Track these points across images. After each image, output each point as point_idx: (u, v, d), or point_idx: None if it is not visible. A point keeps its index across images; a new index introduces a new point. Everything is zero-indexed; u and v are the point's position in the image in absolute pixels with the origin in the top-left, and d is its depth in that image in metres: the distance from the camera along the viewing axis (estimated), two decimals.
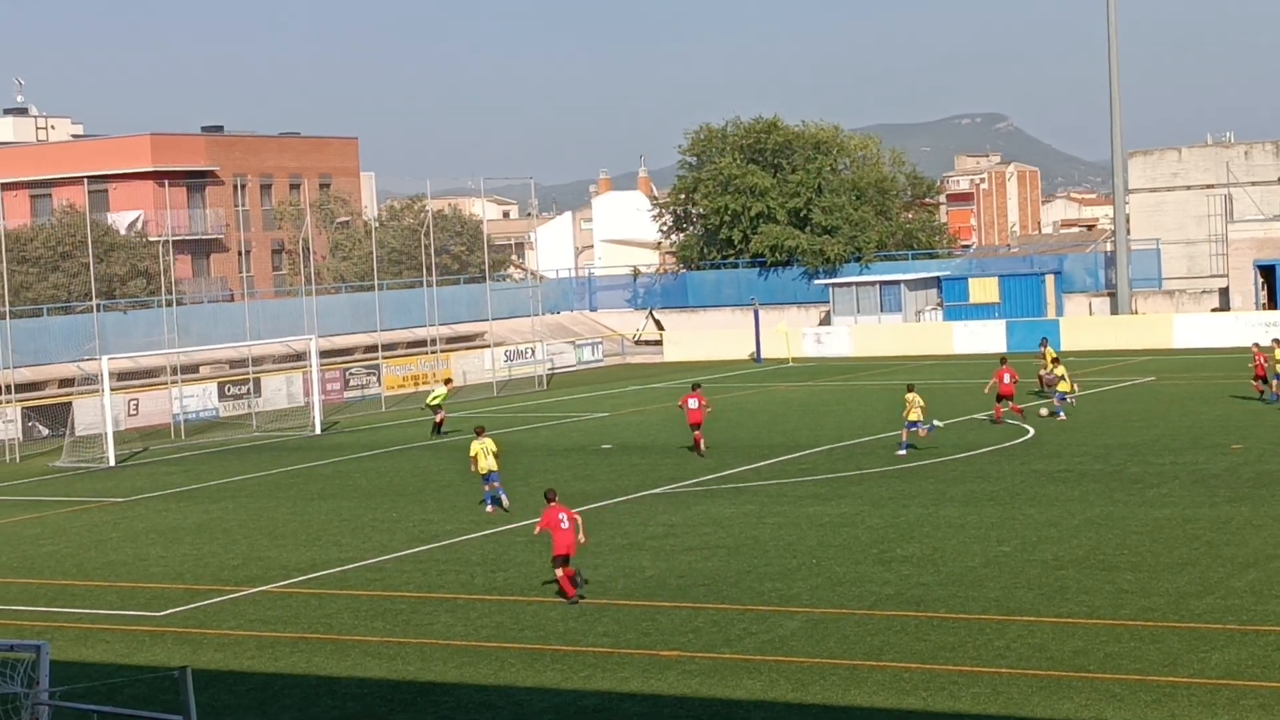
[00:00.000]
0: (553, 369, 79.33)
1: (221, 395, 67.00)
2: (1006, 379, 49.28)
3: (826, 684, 22.17)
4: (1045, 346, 58.29)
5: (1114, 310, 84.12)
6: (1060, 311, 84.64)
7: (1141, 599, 25.99)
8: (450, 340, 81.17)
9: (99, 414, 55.48)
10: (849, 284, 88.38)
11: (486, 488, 38.25)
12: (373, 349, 76.32)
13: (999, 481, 38.70)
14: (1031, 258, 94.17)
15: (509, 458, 48.04)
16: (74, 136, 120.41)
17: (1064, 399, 51.28)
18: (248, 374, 68.60)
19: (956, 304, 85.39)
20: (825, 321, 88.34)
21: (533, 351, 79.59)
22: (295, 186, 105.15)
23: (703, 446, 45.59)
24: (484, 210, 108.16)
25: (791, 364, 78.65)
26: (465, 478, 44.32)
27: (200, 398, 65.98)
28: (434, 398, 55.73)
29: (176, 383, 64.53)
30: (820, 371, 52.33)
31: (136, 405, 64.14)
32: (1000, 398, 49.20)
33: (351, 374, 72.87)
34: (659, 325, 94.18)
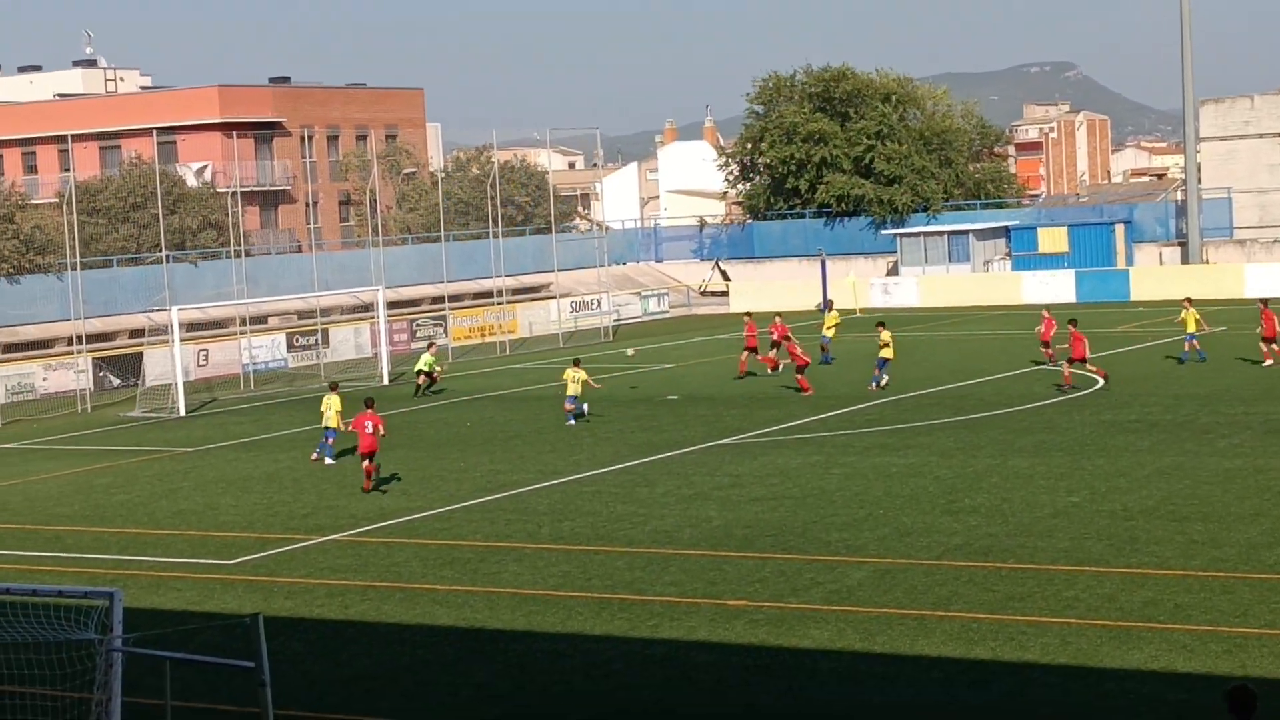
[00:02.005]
0: (618, 320, 79.31)
1: (290, 346, 67.36)
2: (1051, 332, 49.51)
3: (894, 634, 22.14)
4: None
5: (1184, 260, 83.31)
6: (1130, 261, 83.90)
7: (1212, 549, 25.82)
8: (516, 291, 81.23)
9: (169, 364, 55.86)
10: (917, 234, 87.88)
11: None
12: (439, 300, 76.46)
13: (1068, 432, 38.47)
14: (1101, 207, 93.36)
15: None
16: (142, 88, 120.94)
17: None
18: (316, 325, 68.89)
19: (1025, 254, 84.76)
20: (893, 272, 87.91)
21: (598, 303, 79.58)
22: (362, 138, 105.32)
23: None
24: (550, 161, 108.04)
25: (858, 315, 78.34)
26: (533, 428, 44.47)
27: (269, 348, 66.35)
28: (424, 364, 54.78)
29: (245, 333, 64.89)
30: (888, 322, 52.06)
31: (206, 356, 64.56)
32: (1074, 359, 48.81)
33: (418, 325, 73.08)
34: (725, 276, 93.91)
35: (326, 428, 40.52)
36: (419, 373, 54.55)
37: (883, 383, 47.67)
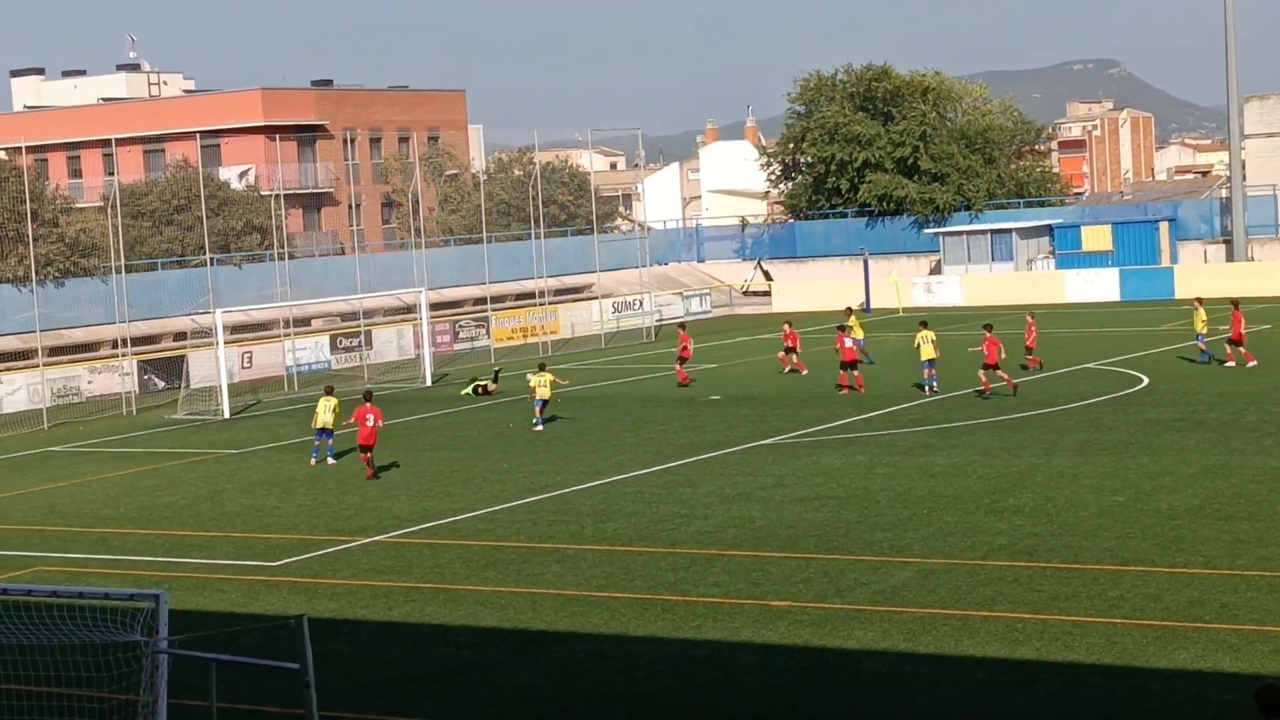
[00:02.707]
0: (660, 320, 79.30)
1: (333, 348, 67.59)
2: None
3: (939, 634, 22.08)
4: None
5: (1229, 257, 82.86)
6: (1175, 259, 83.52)
7: (1259, 548, 25.66)
8: (558, 292, 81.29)
9: (213, 367, 56.09)
10: (959, 233, 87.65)
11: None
12: (482, 301, 76.59)
13: (1112, 430, 38.30)
14: (1145, 205, 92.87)
15: (617, 408, 48.27)
16: (185, 92, 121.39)
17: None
18: (359, 326, 69.11)
19: (1069, 252, 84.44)
20: (936, 271, 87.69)
21: (640, 303, 79.61)
22: (404, 140, 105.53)
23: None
24: (591, 162, 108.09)
25: (902, 314, 78.18)
26: (575, 429, 44.51)
27: (312, 350, 66.60)
28: (476, 385, 55.30)
29: (289, 335, 65.12)
30: (931, 321, 51.89)
31: (250, 358, 64.83)
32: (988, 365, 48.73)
33: (461, 326, 73.24)
34: (767, 276, 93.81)
35: (322, 429, 40.78)
36: (478, 384, 54.81)
37: (934, 385, 46.99)
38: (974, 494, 31.57)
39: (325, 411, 40.84)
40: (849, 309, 59.47)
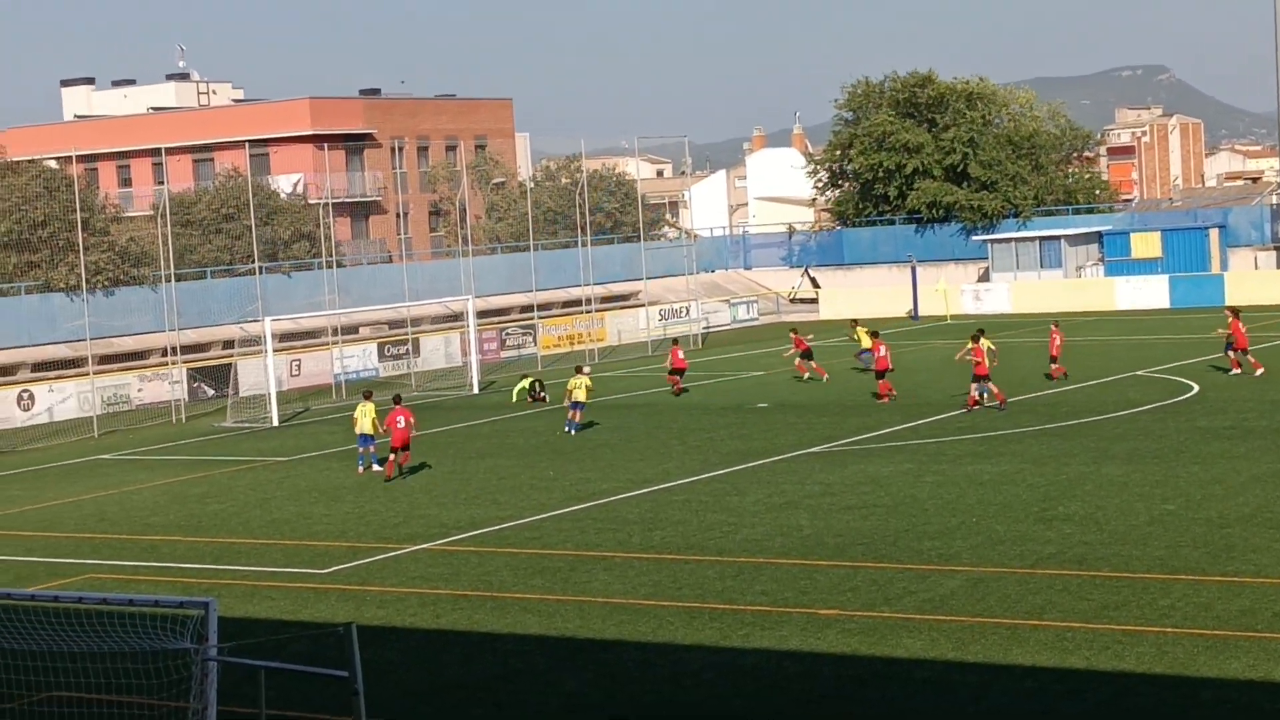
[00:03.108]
0: (708, 328, 79.25)
1: (381, 355, 67.79)
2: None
3: (988, 643, 21.99)
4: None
5: None
6: (1225, 266, 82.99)
7: None
8: (605, 300, 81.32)
9: (262, 374, 56.32)
10: (1008, 240, 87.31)
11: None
12: (528, 309, 76.67)
13: (1162, 439, 38.09)
14: (1195, 211, 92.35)
15: (664, 416, 48.26)
16: (234, 101, 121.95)
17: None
18: (406, 334, 69.28)
19: (1118, 259, 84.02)
20: (984, 278, 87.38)
21: (687, 310, 79.57)
22: (451, 148, 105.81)
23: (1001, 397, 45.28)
24: (638, 169, 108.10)
25: (950, 321, 77.94)
26: (621, 437, 44.51)
27: (360, 358, 66.82)
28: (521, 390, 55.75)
29: (337, 343, 65.34)
30: (972, 330, 51.73)
31: (298, 366, 65.06)
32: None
33: (508, 334, 73.35)
34: (815, 283, 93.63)
35: (363, 434, 40.97)
36: (524, 391, 55.17)
37: (984, 397, 45.99)
38: (1023, 502, 31.44)
39: (364, 417, 41.05)
40: (853, 321, 59.80)
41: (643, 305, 78.76)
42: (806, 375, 54.73)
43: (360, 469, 41.15)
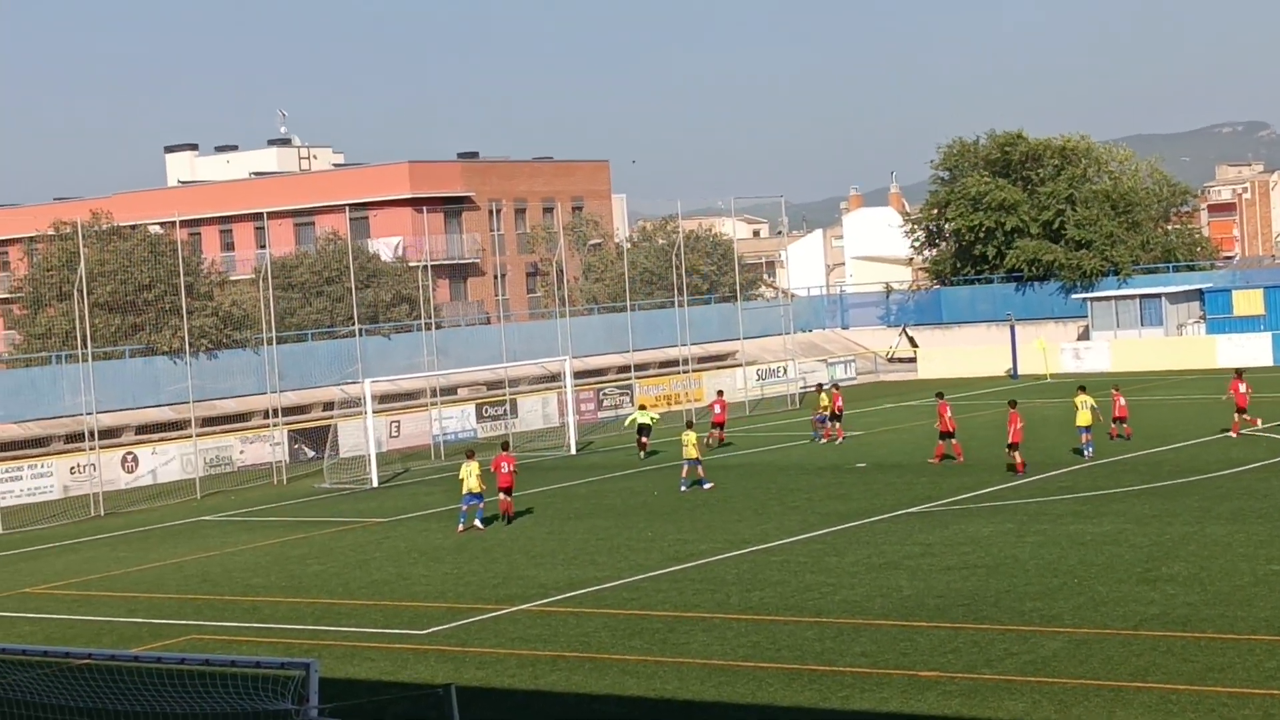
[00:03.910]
0: (805, 388, 79.07)
1: (479, 416, 68.10)
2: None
3: (1090, 705, 21.74)
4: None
5: None
6: None
7: None
8: (701, 360, 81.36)
9: (362, 436, 56.72)
10: (1108, 298, 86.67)
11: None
12: (625, 369, 76.84)
13: (1267, 498, 37.59)
14: None
15: (762, 476, 48.15)
16: (334, 165, 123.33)
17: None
18: (504, 395, 69.60)
19: (1220, 316, 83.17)
20: (1084, 336, 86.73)
21: (784, 370, 79.45)
22: (548, 210, 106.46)
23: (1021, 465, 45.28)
24: (734, 229, 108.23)
25: (1049, 380, 77.37)
26: (719, 496, 44.43)
27: (459, 419, 67.15)
28: (634, 420, 56.88)
29: (436, 404, 65.72)
30: (1070, 389, 51.40)
31: (398, 427, 65.48)
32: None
33: (605, 394, 73.50)
34: (913, 342, 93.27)
35: (469, 493, 41.35)
36: (640, 425, 56.71)
37: (1089, 451, 46.91)
38: (1126, 562, 31.11)
39: (470, 476, 41.33)
40: (818, 386, 61.30)
41: (740, 365, 78.71)
42: (840, 439, 55.36)
43: (460, 527, 41.35)
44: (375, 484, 53.59)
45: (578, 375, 68.70)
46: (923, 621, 27.29)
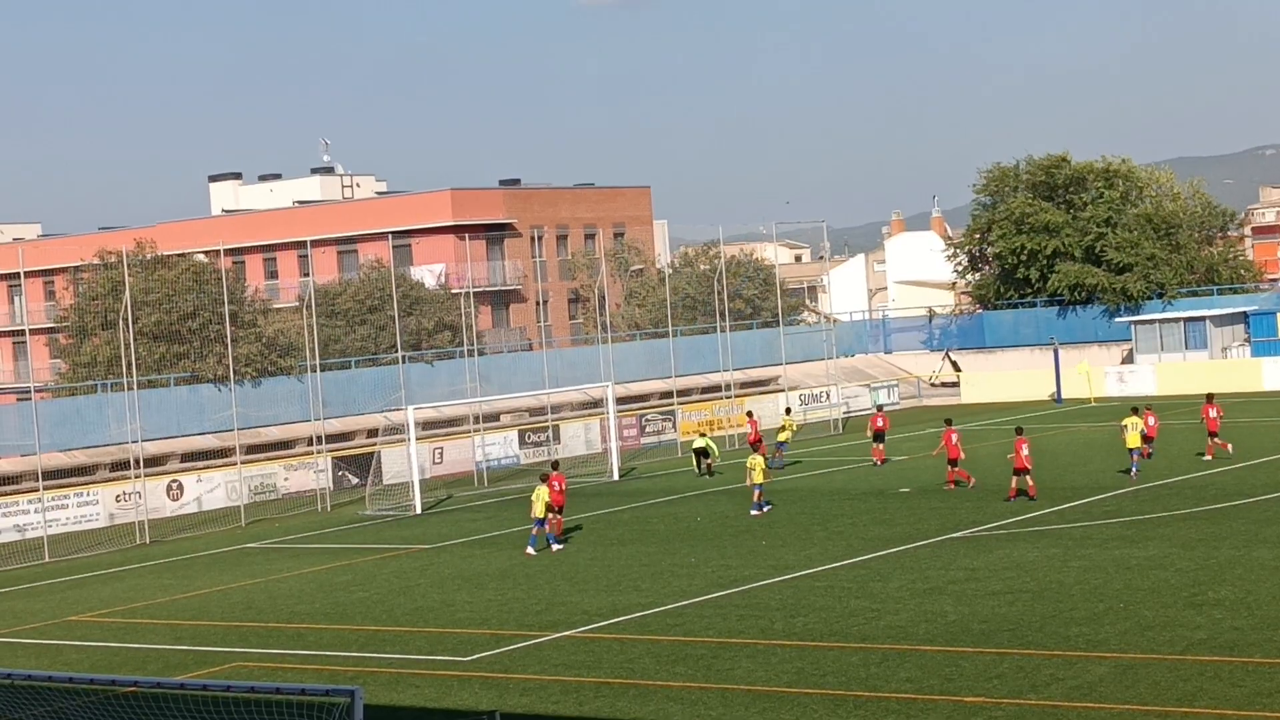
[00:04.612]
0: (848, 412, 78.94)
1: (522, 443, 68.19)
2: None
3: None
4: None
5: None
6: None
7: None
8: (744, 385, 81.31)
9: (405, 463, 56.84)
10: (1152, 321, 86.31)
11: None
12: (668, 395, 76.84)
13: None
14: None
15: (805, 502, 48.07)
16: (377, 194, 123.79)
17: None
18: (547, 421, 69.66)
19: (1265, 339, 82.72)
20: (1128, 360, 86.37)
21: (827, 395, 79.33)
22: (590, 236, 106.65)
23: (1033, 490, 45.31)
24: (776, 254, 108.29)
25: (1094, 404, 77.04)
26: (763, 522, 44.38)
27: (502, 445, 67.25)
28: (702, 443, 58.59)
29: (479, 431, 65.84)
30: (1124, 411, 51.16)
31: (441, 453, 65.60)
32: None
33: (647, 420, 73.50)
34: (956, 366, 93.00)
35: (538, 518, 41.76)
36: (697, 449, 58.14)
37: (1135, 472, 47.26)
38: (1172, 587, 30.94)
39: (539, 500, 41.80)
40: (788, 409, 62.24)
41: (782, 390, 78.62)
42: (881, 462, 56.20)
43: (531, 550, 41.68)
44: (419, 510, 53.69)
45: (620, 401, 68.71)
46: (968, 647, 27.19)
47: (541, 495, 41.88)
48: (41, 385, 77.50)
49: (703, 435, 59.93)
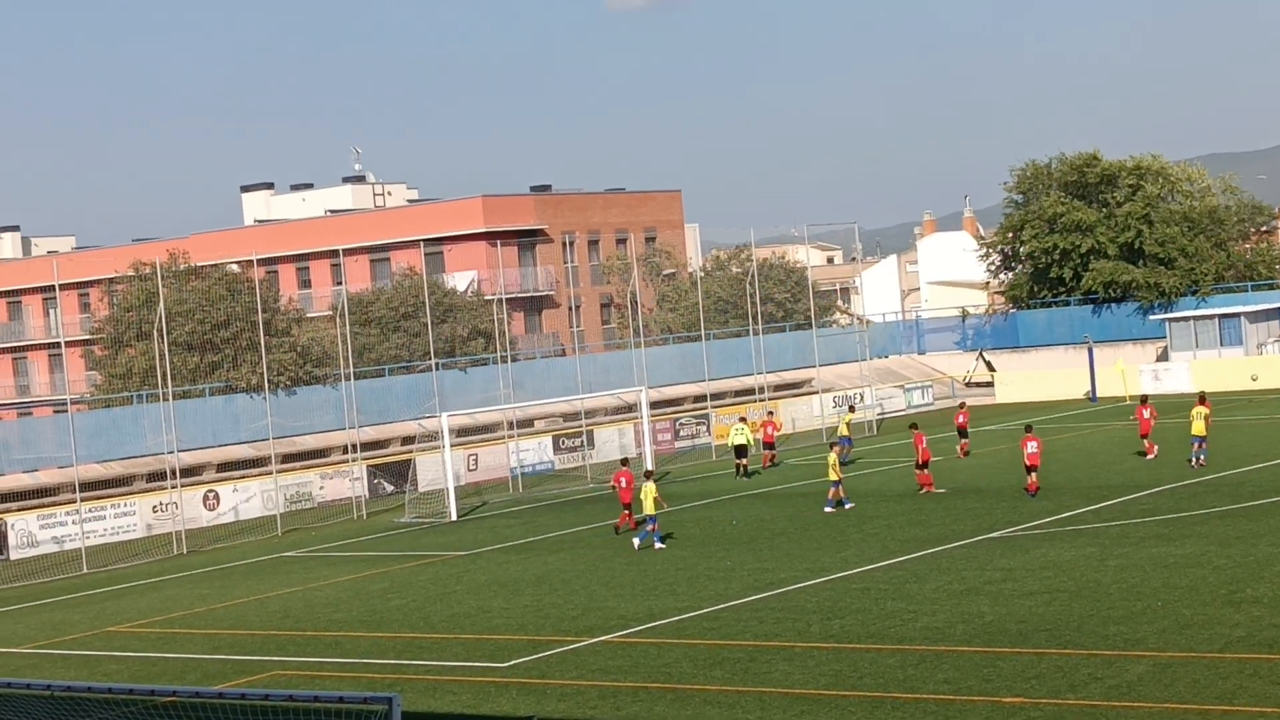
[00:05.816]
0: (882, 414, 78.82)
1: (556, 448, 68.24)
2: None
3: None
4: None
5: None
6: None
7: None
8: (777, 387, 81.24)
9: (440, 470, 56.94)
10: (1186, 318, 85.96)
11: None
12: (701, 398, 76.82)
13: None
14: None
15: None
16: (409, 201, 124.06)
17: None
18: (580, 426, 69.71)
19: None
20: (1163, 357, 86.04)
21: (861, 397, 79.22)
22: (622, 241, 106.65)
23: (1034, 486, 45.46)
24: (808, 256, 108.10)
25: (1129, 402, 76.77)
26: (798, 525, 44.33)
27: (536, 451, 67.31)
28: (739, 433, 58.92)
29: (513, 437, 65.91)
30: (1159, 409, 51.03)
31: (475, 460, 65.70)
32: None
33: (681, 424, 73.48)
34: (990, 366, 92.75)
35: (647, 516, 42.28)
36: (736, 446, 58.41)
37: (1201, 460, 47.98)
38: (1210, 585, 30.82)
39: (646, 498, 42.18)
40: (851, 406, 62.23)
41: (816, 392, 78.55)
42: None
43: (636, 543, 42.42)
44: (454, 517, 53.78)
45: (654, 405, 68.70)
46: (1005, 647, 27.12)
47: (650, 492, 42.06)
48: (78, 397, 77.80)
49: (741, 423, 60.06)
